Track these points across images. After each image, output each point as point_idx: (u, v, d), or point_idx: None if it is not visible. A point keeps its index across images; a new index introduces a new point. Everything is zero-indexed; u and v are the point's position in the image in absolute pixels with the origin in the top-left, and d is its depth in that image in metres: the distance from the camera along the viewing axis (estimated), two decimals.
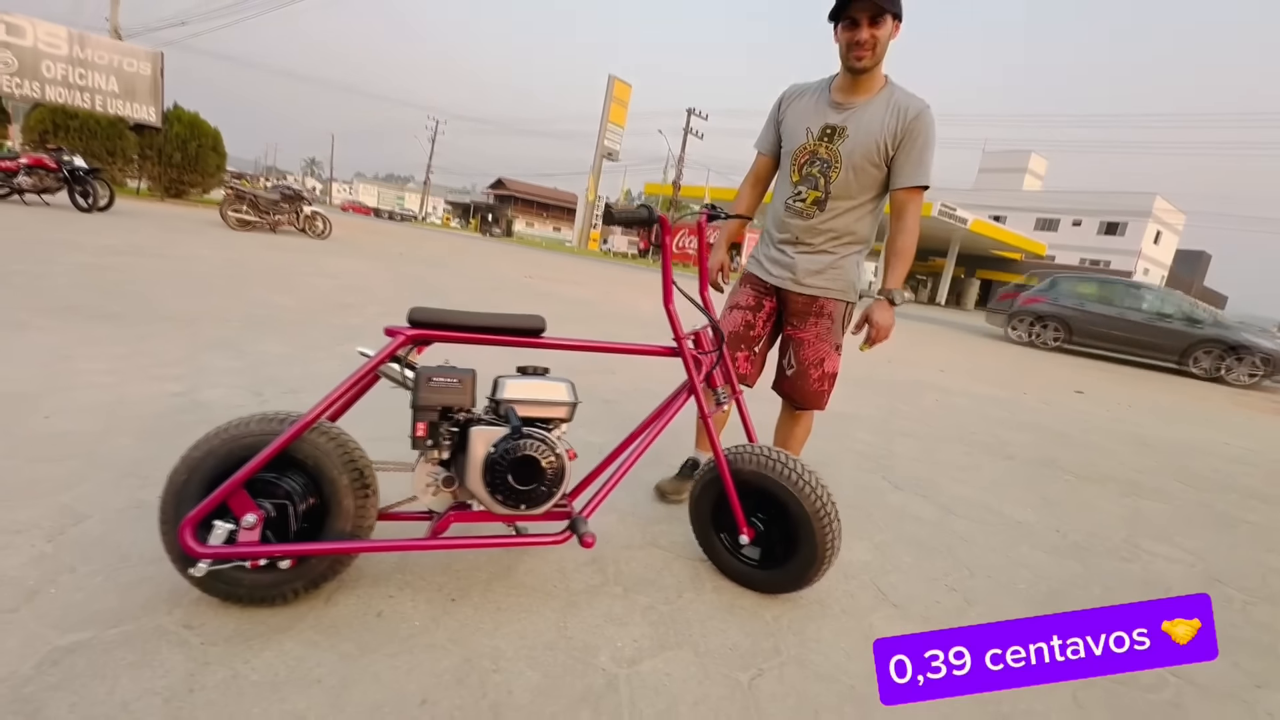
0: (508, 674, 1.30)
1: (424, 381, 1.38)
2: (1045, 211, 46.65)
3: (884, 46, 1.76)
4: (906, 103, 1.81)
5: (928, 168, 1.84)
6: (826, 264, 1.97)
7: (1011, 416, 5.05)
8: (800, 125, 1.92)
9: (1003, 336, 14.16)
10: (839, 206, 1.91)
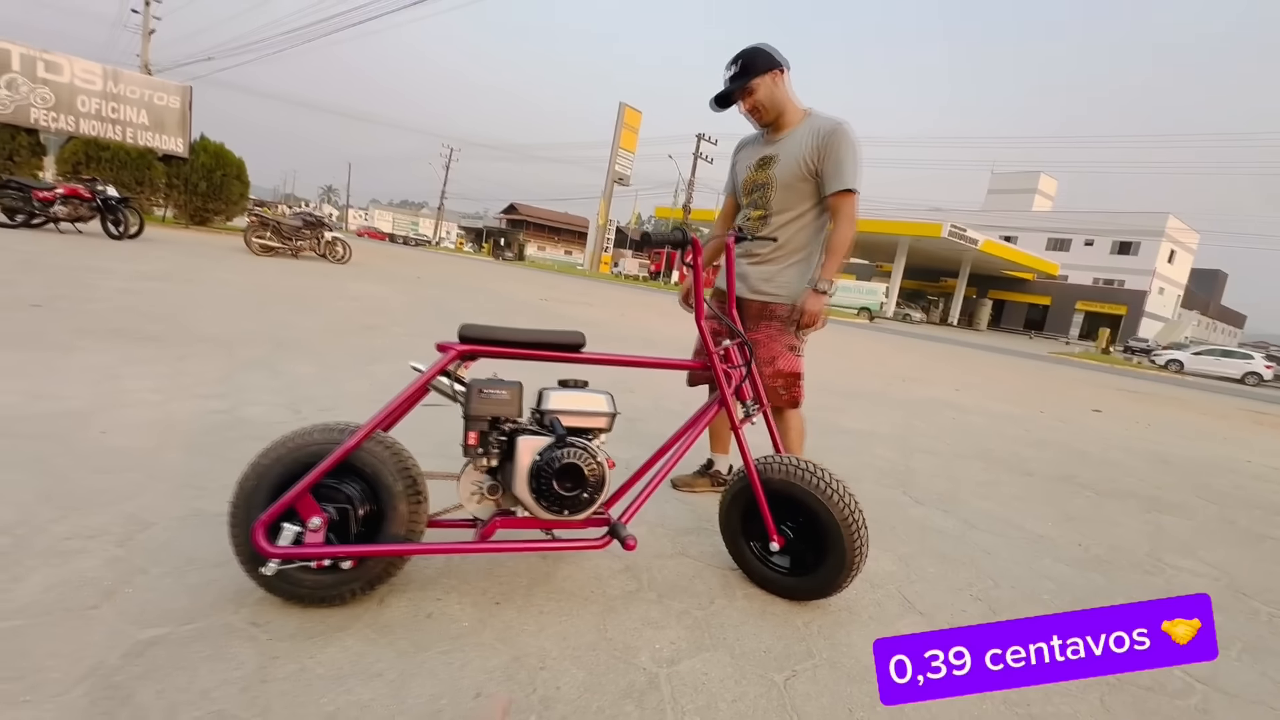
0: (554, 671, 1.37)
1: (475, 393, 1.47)
2: (1056, 231, 46.60)
3: (772, 98, 2.10)
4: (822, 124, 2.10)
5: (849, 174, 2.08)
6: (774, 272, 2.20)
7: (1028, 434, 5.06)
8: (745, 165, 2.28)
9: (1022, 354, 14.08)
10: (779, 220, 2.17)
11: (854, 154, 2.08)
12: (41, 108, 15.04)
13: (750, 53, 2.08)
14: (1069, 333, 40.23)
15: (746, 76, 2.07)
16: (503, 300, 11.05)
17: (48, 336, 3.58)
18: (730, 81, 2.10)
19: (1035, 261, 36.63)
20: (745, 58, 2.08)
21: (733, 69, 2.09)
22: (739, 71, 2.08)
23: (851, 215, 2.12)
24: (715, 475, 2.58)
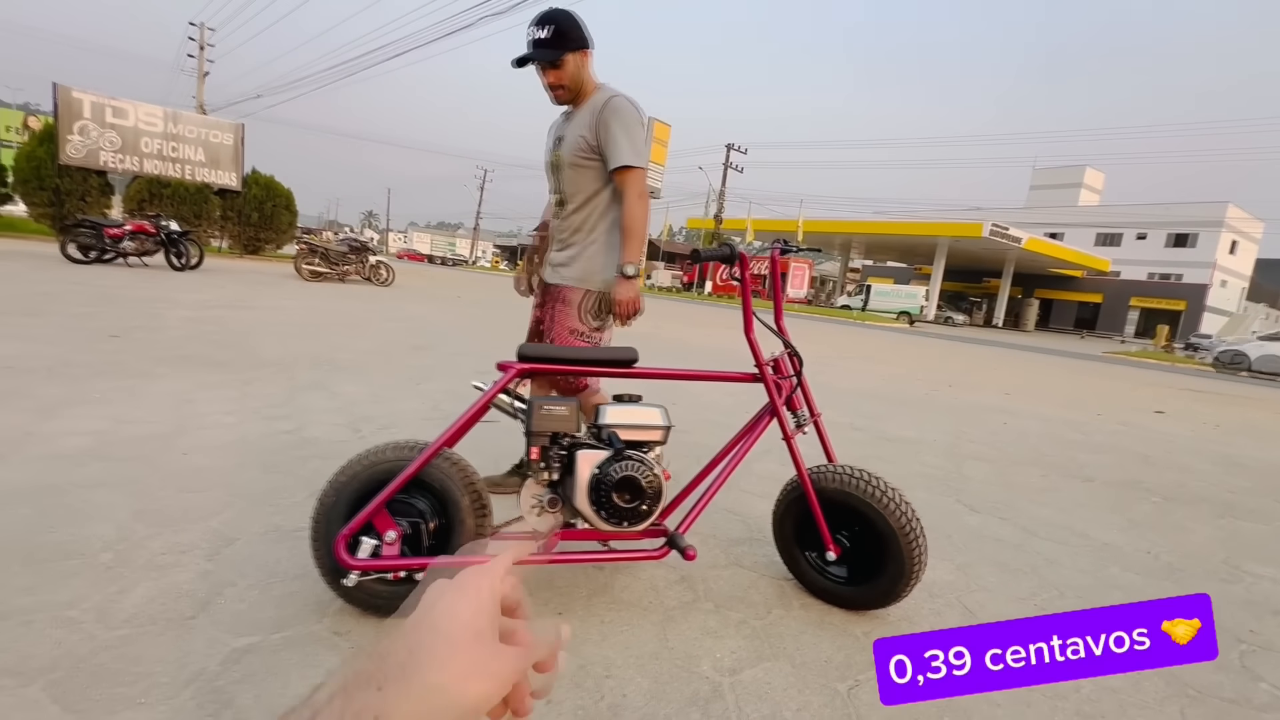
0: (620, 679, 1.40)
1: (536, 410, 1.53)
2: (1106, 226, 44.80)
3: (577, 78, 1.99)
4: (599, 99, 1.98)
5: (624, 148, 1.95)
6: (569, 257, 2.11)
7: (1087, 439, 4.88)
8: (546, 147, 2.18)
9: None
10: (573, 204, 2.09)
11: (628, 128, 1.94)
12: (109, 150, 16.08)
13: (567, 20, 1.91)
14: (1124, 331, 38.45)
15: (560, 49, 1.92)
16: None
17: (128, 365, 3.83)
18: (537, 46, 1.91)
19: (1083, 258, 35.25)
20: (561, 24, 1.90)
21: (543, 32, 1.90)
22: (552, 39, 1.90)
23: (638, 190, 1.99)
24: None
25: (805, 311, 27.94)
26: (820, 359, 8.79)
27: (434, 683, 0.29)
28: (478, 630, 0.31)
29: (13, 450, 2.33)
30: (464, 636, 0.31)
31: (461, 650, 0.30)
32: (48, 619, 1.39)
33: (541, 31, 1.89)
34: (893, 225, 34.68)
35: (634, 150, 1.95)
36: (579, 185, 2.05)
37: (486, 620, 0.32)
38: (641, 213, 2.00)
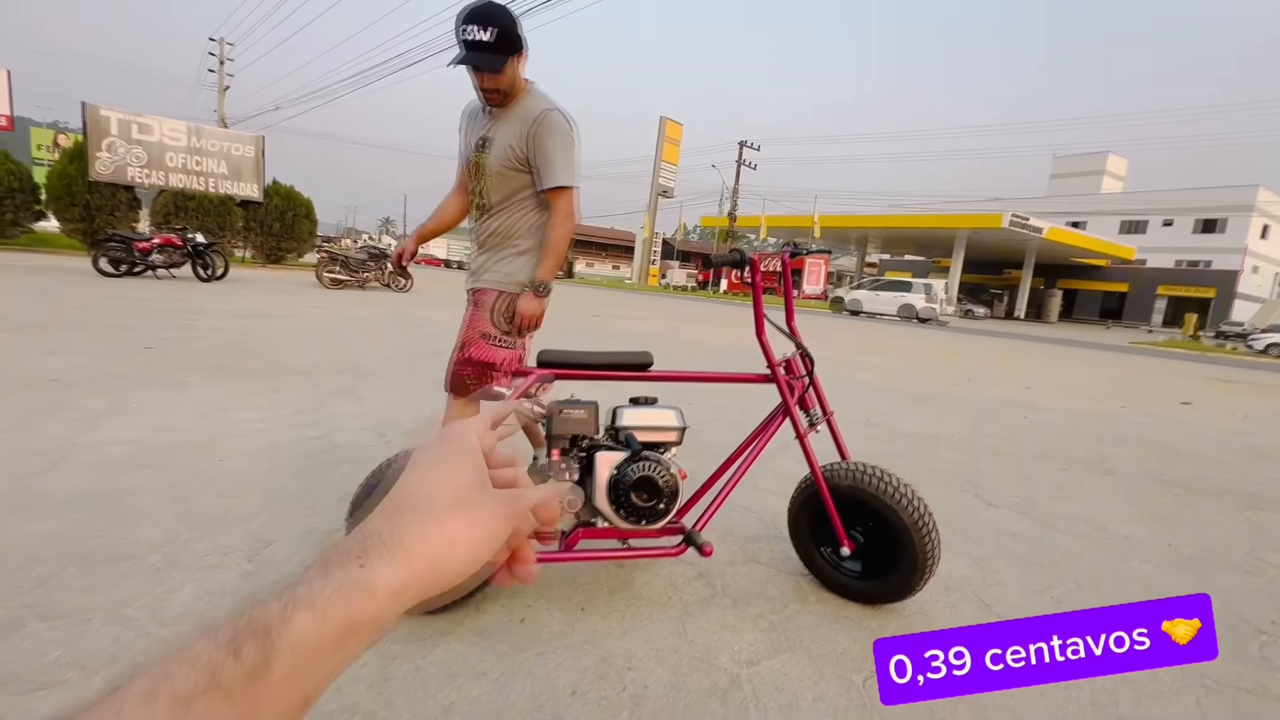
0: (641, 671, 1.46)
1: (556, 414, 1.60)
2: (1130, 213, 43.84)
3: (513, 82, 1.85)
4: (532, 108, 1.86)
5: (559, 169, 1.87)
6: (491, 261, 2.02)
7: (1109, 431, 4.83)
8: (470, 139, 2.01)
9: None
10: (496, 210, 1.98)
11: (564, 146, 1.86)
12: (136, 166, 16.55)
13: (510, 21, 1.76)
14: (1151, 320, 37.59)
15: (505, 53, 1.77)
16: (555, 319, 11.34)
17: (163, 375, 3.98)
18: (476, 49, 1.74)
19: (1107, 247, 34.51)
20: (505, 27, 1.75)
21: (486, 34, 1.73)
22: (497, 43, 1.74)
23: (568, 211, 1.92)
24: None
25: (822, 308, 27.75)
26: (836, 356, 8.76)
27: (419, 552, 0.28)
28: (457, 489, 0.30)
29: (63, 460, 2.45)
30: (444, 500, 0.30)
31: (443, 514, 0.29)
32: (105, 617, 1.48)
33: (484, 33, 1.73)
34: (910, 218, 34.29)
35: (569, 170, 1.89)
36: (503, 192, 1.95)
37: (468, 476, 0.31)
38: (566, 233, 1.94)
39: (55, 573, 1.65)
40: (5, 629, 1.41)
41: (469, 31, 1.73)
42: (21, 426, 2.78)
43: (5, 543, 1.79)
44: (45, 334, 5.10)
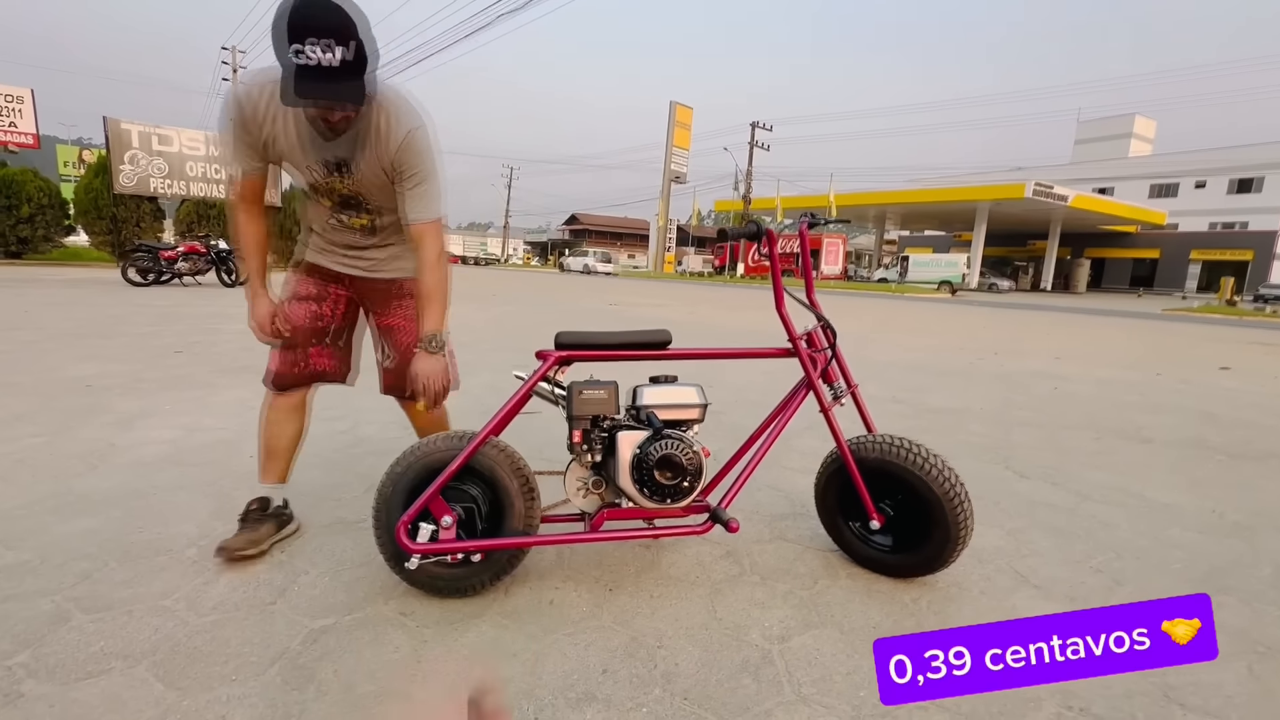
0: (671, 649, 1.45)
1: (576, 395, 1.59)
2: (1160, 177, 42.37)
3: None
4: (393, 125, 1.53)
5: (433, 198, 1.60)
6: (401, 250, 1.82)
7: (1145, 399, 4.69)
8: (300, 154, 1.60)
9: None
10: (390, 214, 1.74)
11: (435, 170, 1.61)
12: (158, 177, 16.87)
13: (360, 23, 1.34)
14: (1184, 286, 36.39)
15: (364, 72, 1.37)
16: (574, 309, 11.36)
17: (194, 377, 4.07)
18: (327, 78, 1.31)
19: (1136, 212, 33.40)
20: (359, 35, 1.33)
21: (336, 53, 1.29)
22: (355, 62, 1.33)
23: (439, 249, 1.65)
24: (278, 515, 1.89)
25: (841, 287, 27.39)
26: (859, 334, 8.64)
27: None
28: None
29: (101, 460, 2.52)
30: None
31: None
32: (146, 608, 1.52)
33: (334, 52, 1.29)
34: (929, 193, 33.55)
35: (439, 198, 1.63)
36: (385, 201, 1.70)
37: None
38: (445, 274, 1.68)
39: (98, 567, 1.70)
40: (52, 621, 1.45)
41: (310, 52, 1.27)
42: (61, 430, 2.87)
43: (50, 540, 1.84)
44: (80, 342, 5.24)
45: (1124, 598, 1.76)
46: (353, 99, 1.39)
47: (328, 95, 1.37)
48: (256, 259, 1.74)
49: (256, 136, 1.55)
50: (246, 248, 1.73)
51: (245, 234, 1.73)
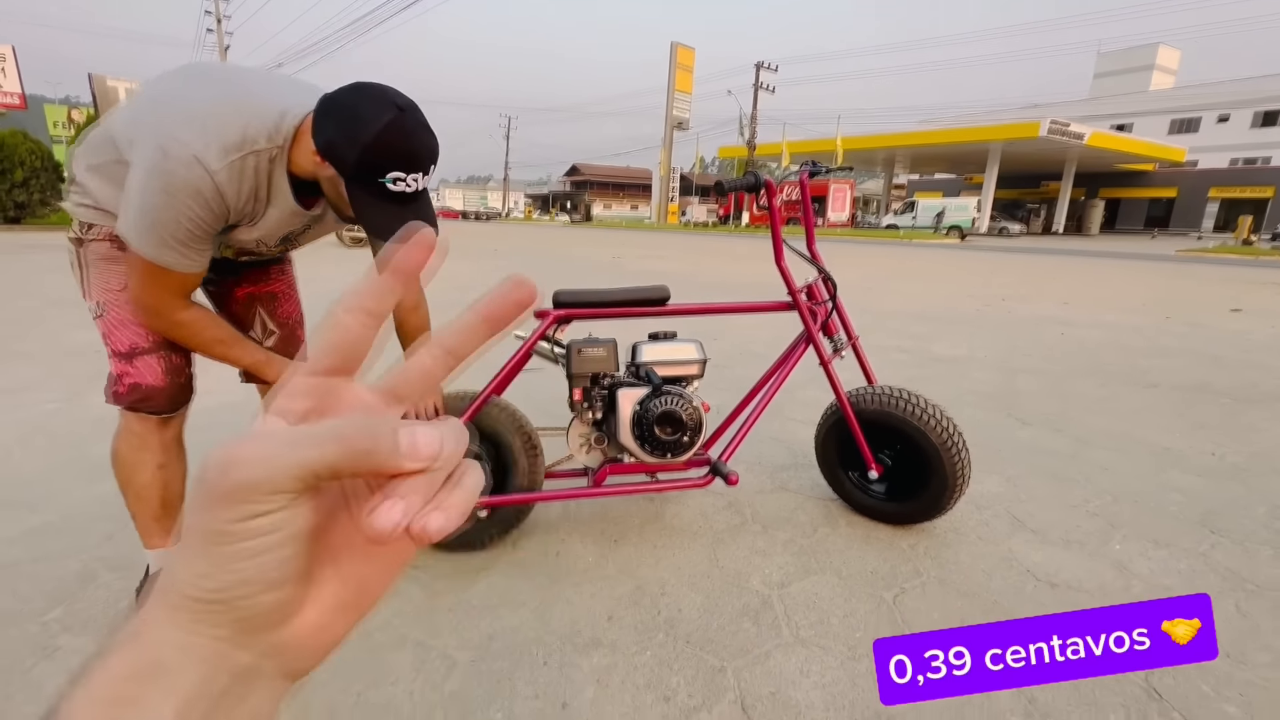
0: (674, 596, 1.50)
1: (575, 353, 1.59)
2: (1182, 111, 40.78)
3: None
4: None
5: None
6: None
7: (1152, 344, 4.66)
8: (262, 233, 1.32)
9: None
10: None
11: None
12: None
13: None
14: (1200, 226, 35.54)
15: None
16: (577, 263, 11.26)
17: None
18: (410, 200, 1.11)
19: (1155, 149, 32.32)
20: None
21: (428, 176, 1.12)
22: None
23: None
24: None
25: (848, 235, 26.95)
26: (863, 282, 8.55)
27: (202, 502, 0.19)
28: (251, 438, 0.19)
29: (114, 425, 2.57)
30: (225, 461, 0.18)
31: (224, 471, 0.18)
32: None
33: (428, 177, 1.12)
34: (939, 134, 32.50)
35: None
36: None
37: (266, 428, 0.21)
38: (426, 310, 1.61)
39: (120, 529, 1.75)
40: (81, 580, 1.51)
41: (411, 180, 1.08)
42: (72, 397, 2.92)
43: (73, 503, 1.90)
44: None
45: (1120, 539, 1.80)
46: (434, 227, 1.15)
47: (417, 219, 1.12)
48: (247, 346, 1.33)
49: (220, 225, 1.15)
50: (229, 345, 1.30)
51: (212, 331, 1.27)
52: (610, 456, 1.73)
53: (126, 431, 1.36)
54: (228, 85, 1.15)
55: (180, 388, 1.36)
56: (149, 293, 1.18)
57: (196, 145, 1.05)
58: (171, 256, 1.11)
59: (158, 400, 1.32)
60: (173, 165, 1.04)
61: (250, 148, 1.09)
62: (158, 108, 1.11)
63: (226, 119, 1.08)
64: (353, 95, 1.07)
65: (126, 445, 1.36)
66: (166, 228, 1.08)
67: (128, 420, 1.35)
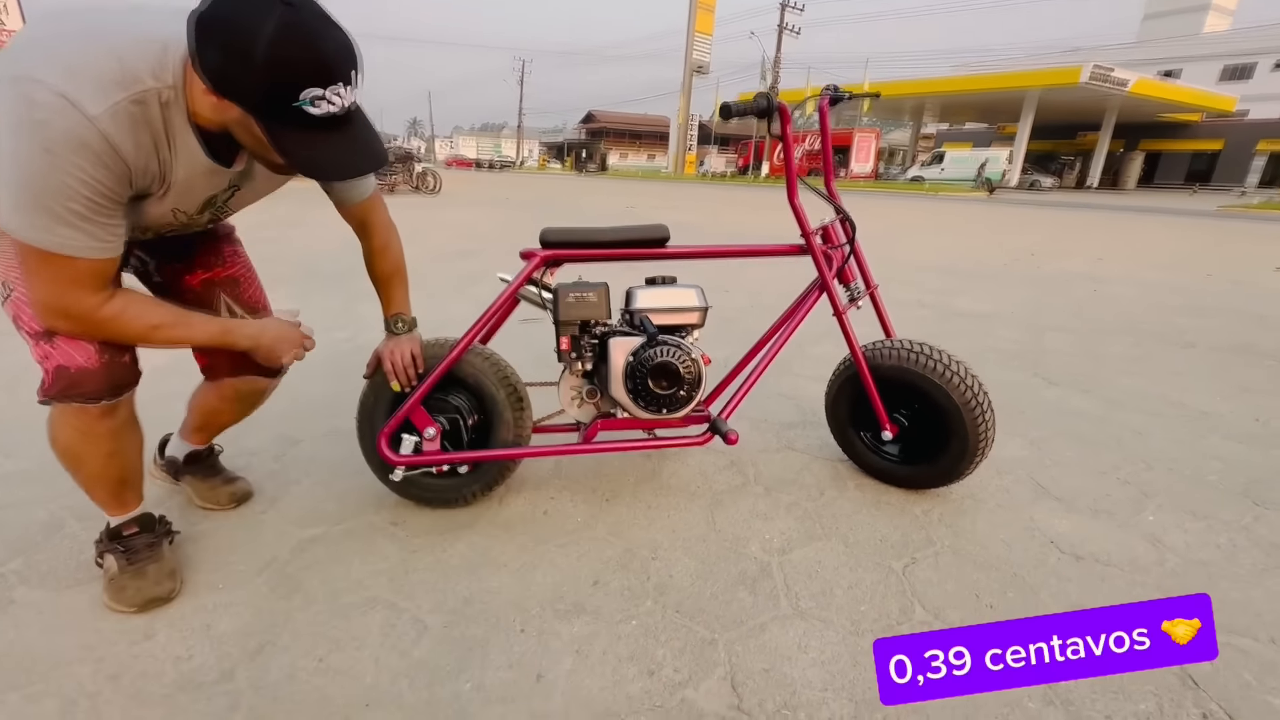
0: (666, 561, 1.41)
1: (563, 298, 1.45)
2: (1236, 56, 38.19)
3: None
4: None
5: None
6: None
7: (1191, 302, 4.39)
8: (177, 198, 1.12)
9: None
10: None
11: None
12: None
13: None
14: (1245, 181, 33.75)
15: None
16: (588, 213, 10.98)
17: None
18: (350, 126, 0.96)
19: (1202, 98, 30.39)
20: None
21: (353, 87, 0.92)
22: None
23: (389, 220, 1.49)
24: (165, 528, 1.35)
25: (871, 187, 26.04)
26: (885, 235, 8.22)
27: None
28: None
29: None
30: None
31: None
32: None
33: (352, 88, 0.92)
34: (971, 80, 30.79)
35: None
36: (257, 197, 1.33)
37: None
38: (400, 247, 1.51)
39: None
40: (46, 529, 1.45)
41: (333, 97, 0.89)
42: None
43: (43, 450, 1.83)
44: None
45: (1153, 509, 1.66)
46: (382, 155, 1.02)
47: (371, 160, 1.00)
48: (194, 320, 1.16)
49: (124, 190, 0.95)
50: (175, 326, 1.12)
51: (149, 316, 1.09)
52: (604, 410, 1.61)
53: (62, 424, 1.14)
54: (89, 18, 0.93)
55: (121, 366, 1.12)
56: (53, 291, 0.96)
57: (64, 85, 0.83)
58: (73, 236, 0.90)
59: (92, 384, 1.08)
60: (44, 115, 0.83)
61: (135, 88, 0.89)
62: (7, 54, 0.88)
63: (95, 55, 0.87)
64: (225, 4, 0.84)
65: (66, 436, 1.15)
66: (55, 197, 0.86)
67: (61, 413, 1.12)
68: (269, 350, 1.24)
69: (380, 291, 1.51)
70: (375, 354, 1.50)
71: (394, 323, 1.48)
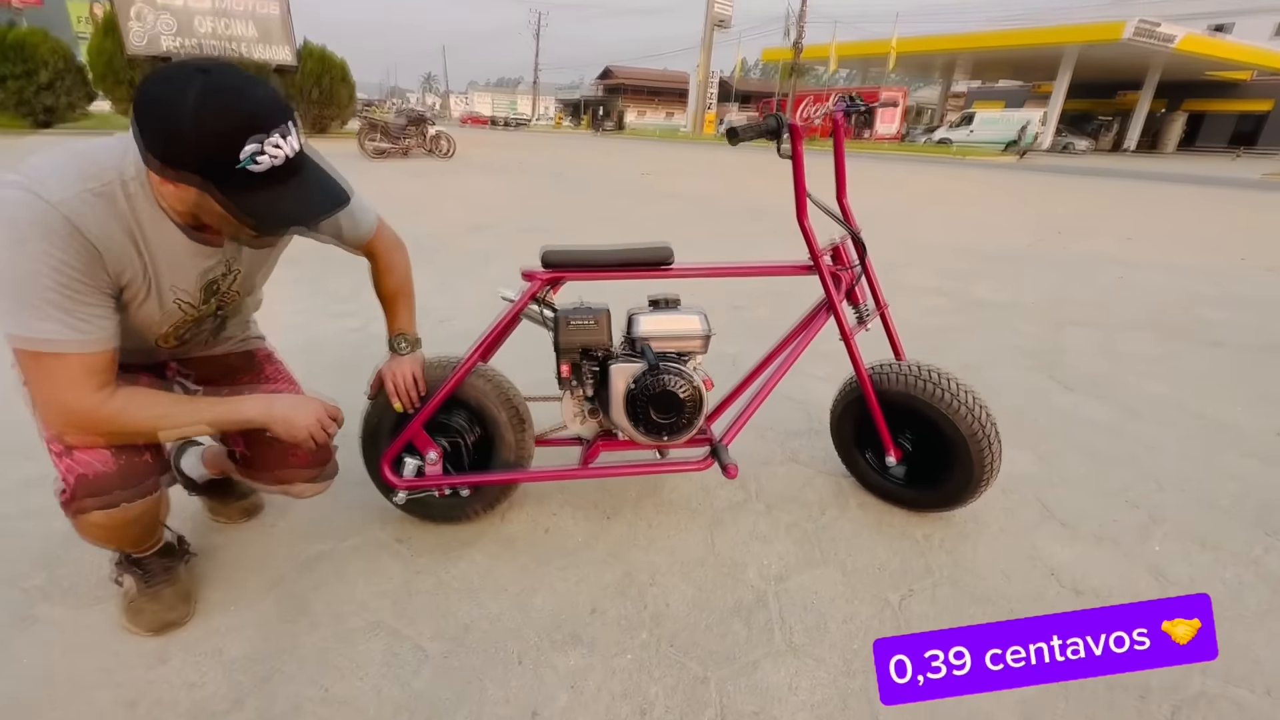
0: (663, 587, 1.42)
1: (563, 324, 1.44)
2: None
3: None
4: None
5: (363, 205, 1.39)
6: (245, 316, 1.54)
7: (1224, 292, 4.24)
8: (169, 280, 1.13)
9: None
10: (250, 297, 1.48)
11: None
12: (169, 35, 15.99)
13: None
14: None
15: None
16: (602, 181, 10.78)
17: None
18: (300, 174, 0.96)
19: (1255, 55, 28.64)
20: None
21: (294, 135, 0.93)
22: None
23: (397, 240, 1.57)
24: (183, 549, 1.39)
25: (895, 150, 25.21)
26: (907, 209, 8.00)
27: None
28: None
29: None
30: None
31: None
32: None
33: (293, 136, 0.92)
34: (1006, 35, 29.27)
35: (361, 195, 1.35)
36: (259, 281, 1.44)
37: None
38: (408, 267, 1.57)
39: None
40: (66, 540, 1.49)
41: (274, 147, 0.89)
42: None
43: None
44: None
45: (1160, 537, 1.64)
46: (343, 195, 1.02)
47: (331, 200, 1.00)
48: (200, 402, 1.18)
49: (99, 276, 0.95)
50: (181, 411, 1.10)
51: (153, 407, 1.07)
52: (605, 429, 1.61)
53: (88, 528, 1.12)
54: (58, 148, 0.97)
55: (142, 466, 1.09)
56: (50, 392, 0.96)
57: (29, 182, 0.89)
58: (50, 328, 0.90)
59: (109, 485, 1.05)
60: (11, 210, 0.88)
61: (96, 181, 0.93)
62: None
63: (59, 157, 0.94)
64: (150, 87, 0.87)
65: (93, 536, 1.15)
66: (30, 288, 0.88)
67: (82, 525, 1.11)
68: (284, 421, 1.17)
69: (385, 309, 1.52)
70: (378, 374, 1.51)
71: (397, 342, 1.48)
